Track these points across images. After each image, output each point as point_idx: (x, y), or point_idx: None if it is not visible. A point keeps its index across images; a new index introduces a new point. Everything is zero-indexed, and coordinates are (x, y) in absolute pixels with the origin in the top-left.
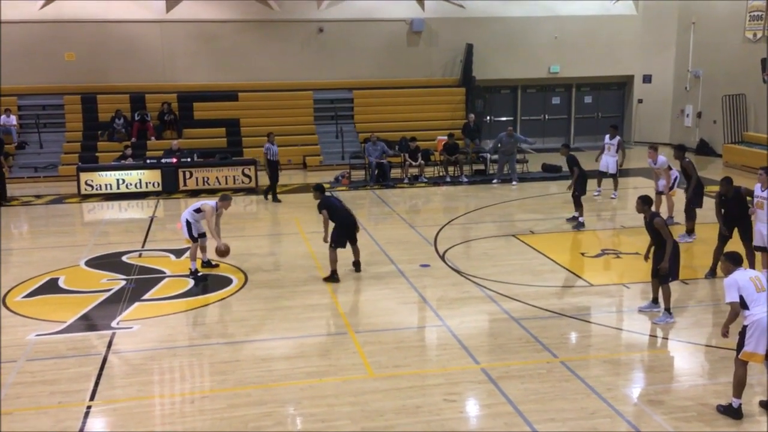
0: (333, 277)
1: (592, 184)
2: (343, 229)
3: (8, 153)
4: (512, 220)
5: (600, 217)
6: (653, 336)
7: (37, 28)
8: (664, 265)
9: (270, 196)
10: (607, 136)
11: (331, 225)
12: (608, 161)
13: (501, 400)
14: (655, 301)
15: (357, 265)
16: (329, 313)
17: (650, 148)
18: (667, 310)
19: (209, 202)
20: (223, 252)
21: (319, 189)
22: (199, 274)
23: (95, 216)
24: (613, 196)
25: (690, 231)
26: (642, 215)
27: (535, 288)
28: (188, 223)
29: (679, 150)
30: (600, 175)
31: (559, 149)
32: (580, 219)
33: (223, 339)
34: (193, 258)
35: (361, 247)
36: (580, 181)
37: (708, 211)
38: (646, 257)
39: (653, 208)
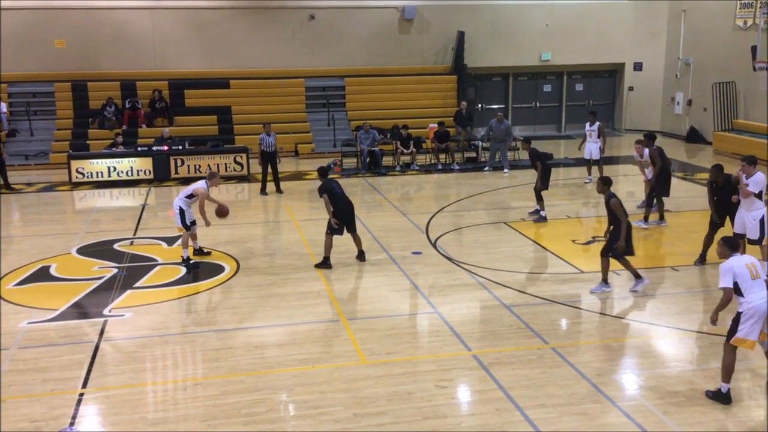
0: (325, 264)
1: (575, 172)
2: (341, 216)
3: None
4: (503, 207)
5: (589, 204)
6: (643, 322)
7: (27, 15)
8: (621, 244)
9: (269, 191)
10: (587, 123)
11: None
12: (591, 148)
13: (492, 386)
14: (605, 281)
15: (361, 254)
16: (322, 300)
17: (636, 142)
18: (605, 280)
19: (200, 185)
20: (224, 212)
21: (322, 173)
22: (192, 262)
23: (86, 204)
24: (588, 180)
25: (661, 217)
26: (601, 195)
27: (526, 275)
28: (181, 211)
29: (648, 138)
30: (587, 163)
31: (520, 144)
32: (542, 213)
33: (215, 326)
34: (185, 246)
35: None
36: (544, 175)
37: (698, 198)
38: (606, 234)
39: (643, 196)
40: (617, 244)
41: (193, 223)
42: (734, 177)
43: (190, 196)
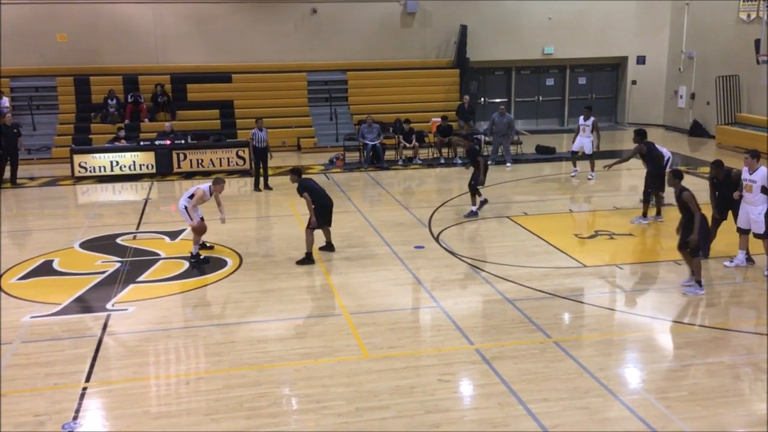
0: (308, 259)
1: (579, 166)
2: (323, 210)
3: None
4: (506, 201)
5: (593, 198)
6: (645, 316)
7: (29, 9)
8: (694, 238)
9: (261, 187)
10: (581, 117)
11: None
12: (583, 142)
13: (495, 380)
14: (699, 283)
15: (330, 246)
16: (324, 294)
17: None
18: (698, 282)
19: (202, 186)
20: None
21: (296, 172)
22: (202, 257)
23: (89, 198)
24: (590, 176)
25: (645, 214)
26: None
27: (529, 269)
28: (187, 210)
29: (638, 135)
30: (573, 156)
31: (461, 141)
32: (473, 208)
33: (217, 320)
34: (196, 242)
35: (355, 229)
36: (483, 171)
37: (701, 192)
38: (678, 230)
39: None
40: (690, 238)
41: (201, 219)
42: (734, 172)
43: (192, 196)
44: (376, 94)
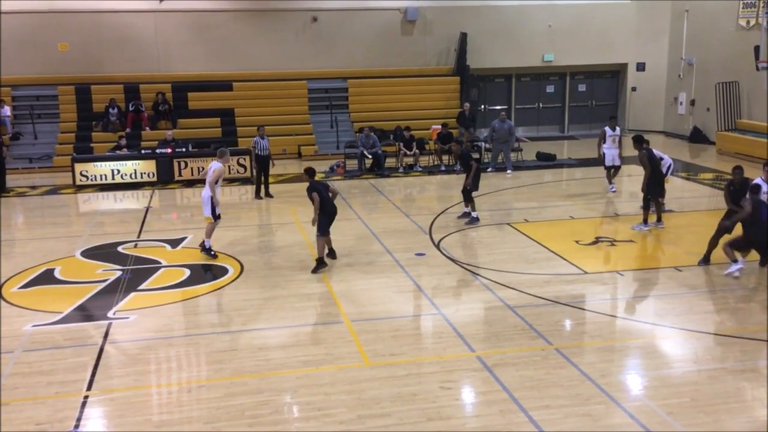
0: (321, 264)
1: (579, 173)
2: (328, 217)
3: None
4: (507, 208)
5: (594, 205)
6: (647, 323)
7: (30, 19)
8: (723, 223)
9: (263, 195)
10: (608, 128)
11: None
12: (614, 154)
13: (496, 387)
14: (734, 261)
15: (331, 252)
16: (325, 301)
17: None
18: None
19: (216, 165)
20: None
21: (309, 173)
22: (212, 253)
23: (90, 206)
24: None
25: (645, 220)
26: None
27: (530, 276)
28: (212, 200)
29: (637, 141)
30: (609, 171)
31: (452, 145)
32: (474, 214)
33: (219, 328)
34: (208, 236)
35: (356, 236)
36: (475, 176)
37: (702, 198)
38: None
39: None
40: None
41: (219, 216)
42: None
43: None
44: (377, 102)
